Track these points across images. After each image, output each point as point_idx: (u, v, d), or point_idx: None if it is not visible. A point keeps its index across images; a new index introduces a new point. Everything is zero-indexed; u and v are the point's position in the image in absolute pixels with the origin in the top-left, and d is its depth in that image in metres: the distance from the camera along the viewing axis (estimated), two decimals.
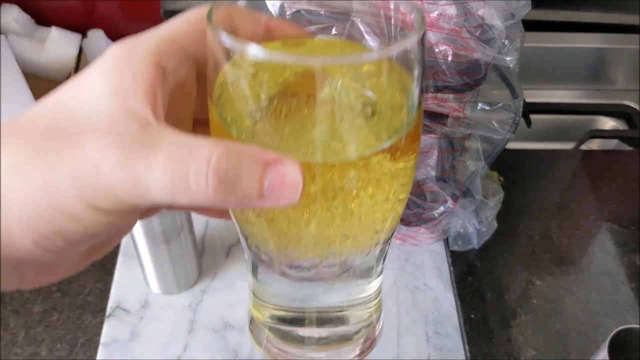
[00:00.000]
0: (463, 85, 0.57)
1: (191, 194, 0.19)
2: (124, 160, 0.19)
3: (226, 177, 0.19)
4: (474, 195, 0.68)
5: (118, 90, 0.21)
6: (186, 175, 0.19)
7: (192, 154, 0.19)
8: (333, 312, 0.29)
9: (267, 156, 0.20)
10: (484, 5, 0.54)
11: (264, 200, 0.20)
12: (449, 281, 0.71)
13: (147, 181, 0.19)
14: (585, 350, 0.65)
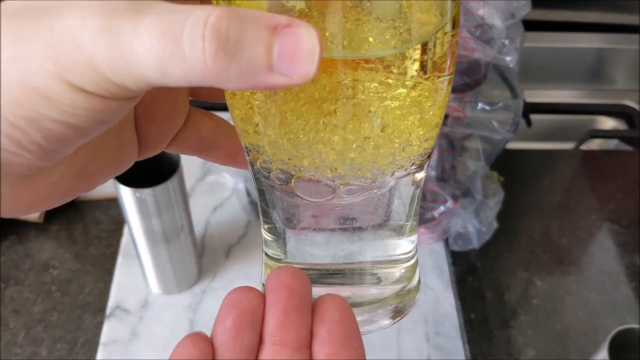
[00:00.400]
0: (463, 85, 0.57)
1: (186, 62, 0.16)
2: (107, 25, 0.16)
3: (227, 40, 0.16)
4: (474, 195, 0.68)
5: None
6: (179, 38, 0.16)
7: (188, 14, 0.16)
8: (362, 269, 0.27)
9: (277, 19, 0.16)
10: (484, 5, 0.54)
11: (273, 74, 0.16)
12: (449, 281, 0.71)
13: (132, 48, 0.16)
14: (585, 350, 0.65)
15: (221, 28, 0.16)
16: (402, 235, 0.27)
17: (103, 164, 0.22)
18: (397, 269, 0.27)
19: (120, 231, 0.76)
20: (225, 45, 0.16)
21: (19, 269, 0.74)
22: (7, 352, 0.65)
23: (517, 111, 0.61)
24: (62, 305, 0.70)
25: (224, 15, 0.16)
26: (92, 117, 0.17)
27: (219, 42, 0.16)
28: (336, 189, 0.23)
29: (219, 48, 0.16)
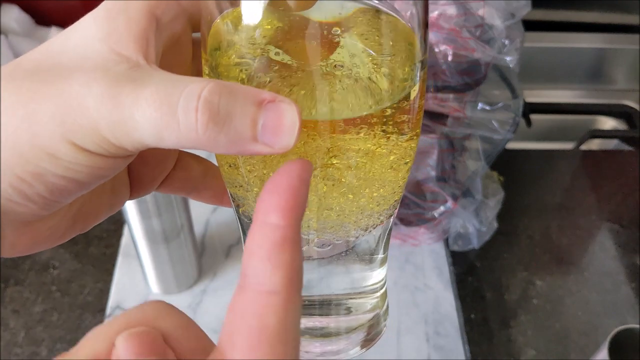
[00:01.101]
0: (463, 85, 0.57)
1: (179, 130, 0.18)
2: (110, 93, 0.18)
3: (218, 112, 0.18)
4: (474, 195, 0.68)
5: (109, 35, 0.20)
6: (175, 109, 0.17)
7: (183, 88, 0.18)
8: (334, 300, 0.28)
9: (263, 95, 0.18)
10: (484, 5, 0.54)
11: (257, 144, 0.18)
12: (449, 281, 0.71)
13: (132, 116, 0.18)
14: (585, 350, 0.65)
15: (213, 101, 0.18)
16: (373, 268, 0.28)
17: (98, 207, 0.24)
18: (369, 299, 0.29)
19: (120, 231, 0.76)
20: (216, 117, 0.18)
21: (19, 269, 0.74)
22: (7, 352, 0.65)
23: (517, 111, 0.61)
24: (62, 305, 0.70)
25: (215, 90, 0.18)
26: (92, 173, 0.19)
27: (210, 114, 0.18)
28: (310, 242, 0.24)
29: (210, 120, 0.18)
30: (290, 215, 0.18)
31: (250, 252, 0.18)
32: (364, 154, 0.22)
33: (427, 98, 0.58)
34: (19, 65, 0.20)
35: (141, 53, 0.20)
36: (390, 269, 0.73)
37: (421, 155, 0.65)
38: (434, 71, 0.56)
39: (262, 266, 0.18)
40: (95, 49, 0.20)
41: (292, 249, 0.18)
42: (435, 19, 0.54)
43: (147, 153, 0.25)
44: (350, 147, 0.21)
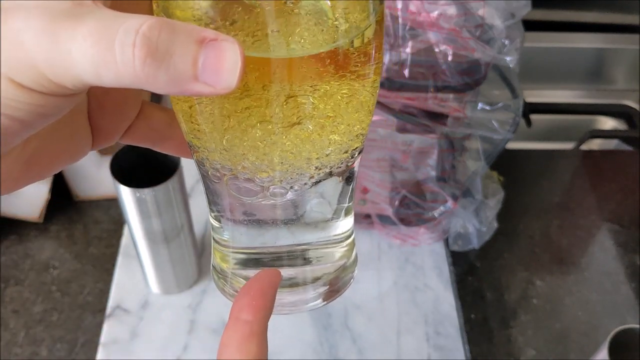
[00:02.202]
0: (463, 85, 0.57)
1: (117, 67, 0.17)
2: (48, 28, 0.17)
3: (156, 48, 0.17)
4: (474, 195, 0.68)
5: None
6: (112, 43, 0.17)
7: (121, 23, 0.17)
8: (300, 250, 0.28)
9: (205, 33, 0.18)
10: (484, 5, 0.54)
11: (198, 83, 0.18)
12: (449, 281, 0.71)
13: (69, 51, 0.17)
14: (585, 350, 0.65)
15: (151, 37, 0.17)
16: (337, 219, 0.28)
17: (55, 153, 0.23)
18: (336, 249, 0.29)
19: (120, 231, 0.76)
20: (155, 53, 0.17)
21: (19, 269, 0.74)
22: (7, 352, 0.65)
23: (517, 111, 0.61)
24: (62, 305, 0.70)
25: (155, 25, 0.17)
26: (34, 111, 0.18)
27: (148, 50, 0.17)
28: (265, 189, 0.24)
29: (147, 55, 0.17)
30: (258, 313, 0.22)
31: (224, 344, 0.22)
32: (319, 93, 0.22)
33: (427, 98, 0.58)
34: None
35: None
36: (391, 269, 0.73)
37: (421, 155, 0.65)
38: (434, 71, 0.56)
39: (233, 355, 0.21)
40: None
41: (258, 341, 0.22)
42: (435, 19, 0.54)
43: (105, 100, 0.24)
44: (303, 87, 0.21)
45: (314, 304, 0.29)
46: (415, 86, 0.56)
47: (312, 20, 0.21)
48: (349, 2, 0.22)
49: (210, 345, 0.64)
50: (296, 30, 0.21)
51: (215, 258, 0.30)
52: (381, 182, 0.67)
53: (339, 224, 0.28)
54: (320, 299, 0.29)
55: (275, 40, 0.21)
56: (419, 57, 0.55)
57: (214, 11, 0.21)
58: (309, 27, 0.21)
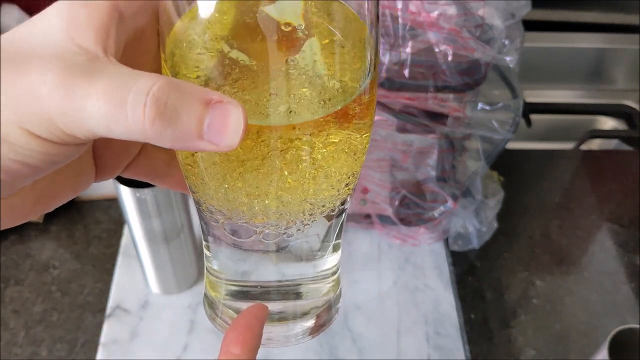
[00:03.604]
0: (463, 85, 0.57)
1: (128, 124, 0.18)
2: (63, 83, 0.18)
3: (165, 109, 0.18)
4: (474, 195, 0.68)
5: (71, 26, 0.20)
6: (124, 102, 0.18)
7: (133, 83, 0.18)
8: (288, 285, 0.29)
9: (211, 95, 0.19)
10: (484, 5, 0.54)
11: (202, 141, 0.19)
12: (449, 281, 0.71)
13: (84, 107, 0.18)
14: (585, 350, 0.65)
15: (161, 98, 0.18)
16: (326, 255, 0.29)
17: (62, 189, 0.24)
18: (323, 284, 0.30)
19: (120, 231, 0.76)
20: (163, 113, 0.18)
21: (19, 269, 0.74)
22: (7, 352, 0.65)
23: (517, 111, 0.61)
24: (62, 305, 0.70)
25: (164, 87, 0.19)
26: (45, 158, 0.20)
27: (158, 110, 0.18)
28: (258, 232, 0.26)
29: (157, 115, 0.18)
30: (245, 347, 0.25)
31: None
32: (314, 147, 0.23)
33: (427, 98, 0.58)
34: None
35: (100, 45, 0.20)
36: (391, 269, 0.73)
37: (421, 155, 0.65)
38: (434, 71, 0.56)
39: None
40: (56, 38, 0.20)
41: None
42: (435, 19, 0.54)
43: (110, 141, 0.25)
44: (299, 142, 0.22)
45: (302, 338, 0.30)
46: (415, 86, 0.56)
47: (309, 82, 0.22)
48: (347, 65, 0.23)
49: (210, 345, 0.64)
50: (294, 94, 0.22)
51: (207, 287, 0.30)
52: (381, 182, 0.67)
53: (327, 259, 0.29)
54: (308, 333, 0.30)
55: (274, 105, 0.22)
56: (419, 57, 0.55)
57: (217, 71, 0.22)
58: (306, 90, 0.22)
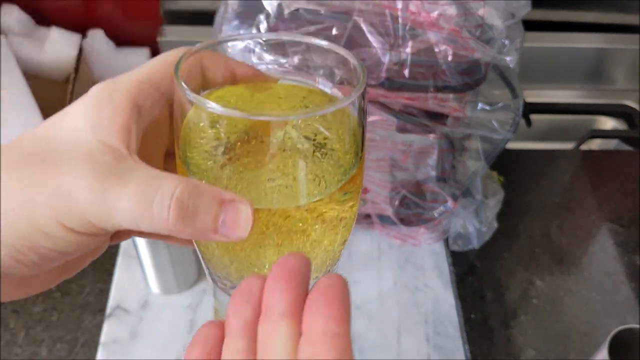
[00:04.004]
0: (463, 85, 0.57)
1: (154, 222, 0.22)
2: (96, 186, 0.22)
3: (186, 210, 0.22)
4: (474, 195, 0.68)
5: (96, 126, 0.23)
6: (150, 205, 0.21)
7: (158, 186, 0.22)
8: None
9: (224, 195, 0.23)
10: (484, 5, 0.54)
11: (217, 235, 0.23)
12: (449, 281, 0.71)
13: (114, 208, 0.22)
14: (585, 350, 0.65)
15: (183, 200, 0.22)
16: None
17: (83, 259, 0.28)
18: None
19: None
20: (185, 213, 0.22)
21: None
22: (7, 352, 0.65)
23: (517, 111, 0.61)
24: (62, 305, 0.70)
25: (185, 190, 0.22)
26: (77, 247, 0.23)
27: (180, 212, 0.22)
28: None
29: (179, 216, 0.22)
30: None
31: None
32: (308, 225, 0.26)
33: (427, 98, 0.58)
34: (21, 147, 0.23)
35: (124, 143, 0.23)
36: (391, 269, 0.73)
37: (421, 155, 0.65)
38: (434, 71, 0.56)
39: None
40: (84, 139, 0.23)
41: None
42: (435, 19, 0.54)
43: None
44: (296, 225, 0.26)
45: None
46: (415, 86, 0.56)
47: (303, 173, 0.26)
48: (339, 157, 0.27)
49: None
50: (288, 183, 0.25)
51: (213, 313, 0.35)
52: (381, 182, 0.67)
53: None
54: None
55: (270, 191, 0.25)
56: (419, 57, 0.55)
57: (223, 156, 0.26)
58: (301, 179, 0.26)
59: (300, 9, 0.54)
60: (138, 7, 0.98)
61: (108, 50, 0.98)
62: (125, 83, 0.25)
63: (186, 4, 0.99)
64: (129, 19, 1.00)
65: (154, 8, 0.98)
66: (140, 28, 1.00)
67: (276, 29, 0.54)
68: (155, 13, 0.99)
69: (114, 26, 0.99)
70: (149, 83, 0.26)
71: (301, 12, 0.54)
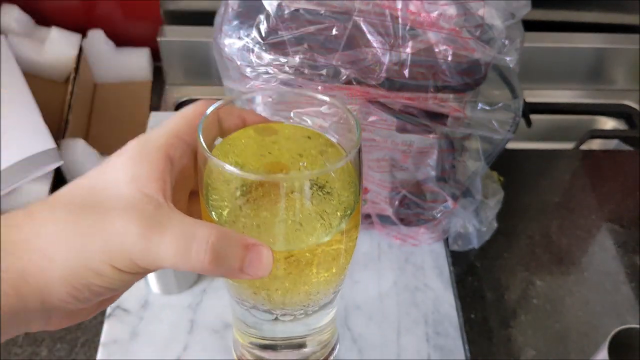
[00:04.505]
0: (463, 85, 0.57)
1: (191, 264, 0.27)
2: (143, 234, 0.26)
3: (218, 254, 0.27)
4: (474, 195, 0.68)
5: (137, 178, 0.28)
6: (189, 250, 0.26)
7: (194, 235, 0.27)
8: (297, 339, 0.38)
9: (248, 241, 0.28)
10: (484, 5, 0.54)
11: (243, 274, 0.28)
12: (449, 281, 0.72)
13: (158, 252, 0.26)
14: (585, 350, 0.65)
15: (215, 246, 0.27)
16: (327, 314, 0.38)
17: (120, 293, 0.32)
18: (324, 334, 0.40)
19: None
20: (217, 257, 0.27)
21: None
22: (7, 352, 0.65)
23: (517, 111, 0.61)
24: None
25: (217, 237, 0.27)
26: (123, 283, 0.28)
27: (213, 256, 0.27)
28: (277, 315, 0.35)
29: (212, 259, 0.27)
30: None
31: None
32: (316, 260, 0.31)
33: (427, 98, 0.58)
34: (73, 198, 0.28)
35: (161, 192, 0.28)
36: (391, 269, 0.73)
37: (421, 155, 0.65)
38: (434, 71, 0.56)
39: None
40: (127, 190, 0.28)
41: None
42: (435, 19, 0.54)
43: None
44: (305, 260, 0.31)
45: None
46: (415, 86, 0.56)
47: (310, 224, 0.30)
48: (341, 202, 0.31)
49: (210, 345, 0.64)
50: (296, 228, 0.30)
51: (234, 329, 0.40)
52: (381, 182, 0.67)
53: (328, 314, 0.38)
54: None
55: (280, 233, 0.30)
56: (419, 57, 0.55)
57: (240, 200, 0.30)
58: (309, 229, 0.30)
59: (300, 9, 0.54)
60: (138, 7, 0.98)
61: (108, 50, 0.98)
62: (157, 139, 0.30)
63: (186, 4, 0.99)
64: (129, 19, 1.00)
65: (154, 8, 0.98)
66: (140, 28, 1.00)
67: (276, 29, 0.54)
68: (155, 13, 0.99)
69: (114, 26, 0.99)
70: (177, 137, 0.31)
71: (301, 12, 0.54)
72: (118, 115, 0.97)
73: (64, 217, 0.27)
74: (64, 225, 0.27)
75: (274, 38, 0.54)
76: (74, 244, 0.26)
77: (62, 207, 0.27)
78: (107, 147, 0.85)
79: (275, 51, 0.54)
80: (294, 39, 0.54)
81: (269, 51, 0.54)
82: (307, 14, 0.54)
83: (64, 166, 0.79)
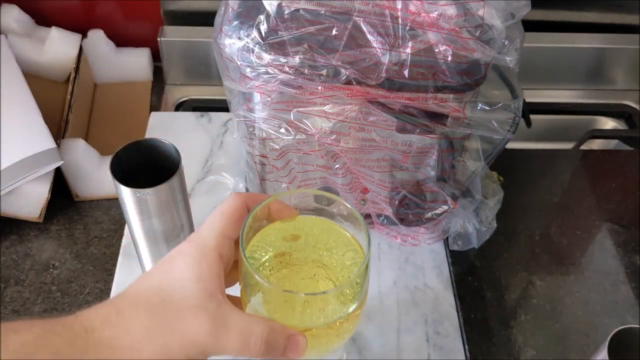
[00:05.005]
0: (463, 85, 0.57)
1: (250, 354, 0.36)
2: (212, 331, 0.35)
3: (270, 345, 0.36)
4: (474, 195, 0.68)
5: (199, 278, 0.36)
6: (249, 344, 0.36)
7: (252, 332, 0.36)
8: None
9: (290, 331, 0.38)
10: (484, 5, 0.54)
11: (285, 357, 0.37)
12: (449, 281, 0.72)
13: (225, 346, 0.36)
14: (585, 350, 0.65)
15: (268, 340, 0.36)
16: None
17: None
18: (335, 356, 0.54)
19: (121, 231, 0.76)
20: (269, 348, 0.36)
21: (19, 269, 0.74)
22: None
23: (517, 111, 0.61)
24: (62, 305, 0.70)
25: (269, 332, 0.36)
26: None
27: (266, 348, 0.36)
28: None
29: (266, 350, 0.36)
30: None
31: None
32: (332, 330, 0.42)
33: (427, 98, 0.58)
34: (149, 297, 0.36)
35: (219, 290, 0.37)
36: (391, 268, 0.73)
37: (421, 155, 0.65)
38: (433, 71, 0.56)
39: None
40: (193, 289, 0.36)
41: None
42: (435, 19, 0.54)
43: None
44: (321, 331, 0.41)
45: None
46: (415, 86, 0.56)
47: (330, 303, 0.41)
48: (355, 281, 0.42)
49: None
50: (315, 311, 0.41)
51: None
52: (381, 182, 0.67)
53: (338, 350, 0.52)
54: None
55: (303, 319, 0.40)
56: (418, 57, 0.55)
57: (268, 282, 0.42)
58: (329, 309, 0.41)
59: (300, 9, 0.54)
60: (138, 7, 0.98)
61: (108, 50, 0.98)
62: (210, 239, 0.39)
63: (186, 4, 0.99)
64: (129, 19, 1.00)
65: (154, 8, 0.98)
66: (140, 28, 1.00)
67: (276, 29, 0.54)
68: (155, 13, 0.99)
69: (114, 26, 0.99)
70: (224, 236, 0.39)
71: (301, 12, 0.54)
72: (118, 115, 0.97)
73: (147, 317, 0.35)
74: (149, 324, 0.35)
75: (274, 38, 0.54)
76: (157, 340, 0.34)
77: (143, 307, 0.35)
78: (107, 147, 0.85)
79: (275, 51, 0.54)
80: (294, 39, 0.54)
81: (269, 51, 0.54)
82: (307, 14, 0.54)
83: (64, 166, 0.79)
